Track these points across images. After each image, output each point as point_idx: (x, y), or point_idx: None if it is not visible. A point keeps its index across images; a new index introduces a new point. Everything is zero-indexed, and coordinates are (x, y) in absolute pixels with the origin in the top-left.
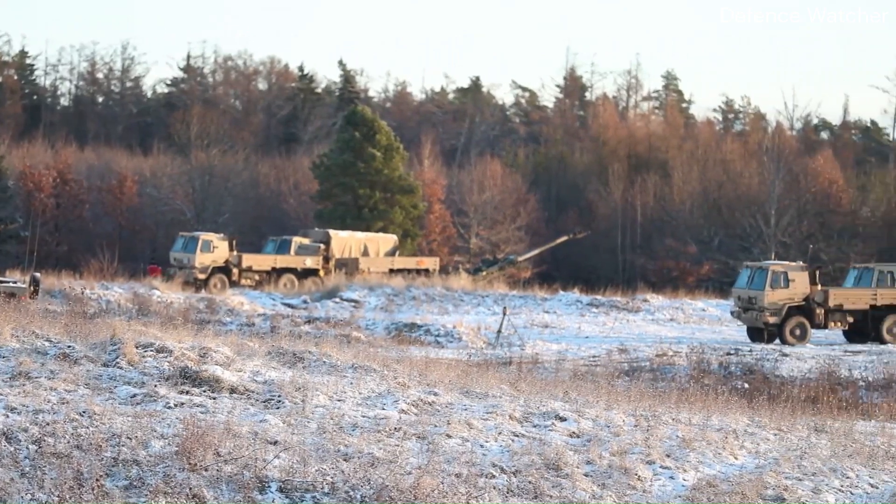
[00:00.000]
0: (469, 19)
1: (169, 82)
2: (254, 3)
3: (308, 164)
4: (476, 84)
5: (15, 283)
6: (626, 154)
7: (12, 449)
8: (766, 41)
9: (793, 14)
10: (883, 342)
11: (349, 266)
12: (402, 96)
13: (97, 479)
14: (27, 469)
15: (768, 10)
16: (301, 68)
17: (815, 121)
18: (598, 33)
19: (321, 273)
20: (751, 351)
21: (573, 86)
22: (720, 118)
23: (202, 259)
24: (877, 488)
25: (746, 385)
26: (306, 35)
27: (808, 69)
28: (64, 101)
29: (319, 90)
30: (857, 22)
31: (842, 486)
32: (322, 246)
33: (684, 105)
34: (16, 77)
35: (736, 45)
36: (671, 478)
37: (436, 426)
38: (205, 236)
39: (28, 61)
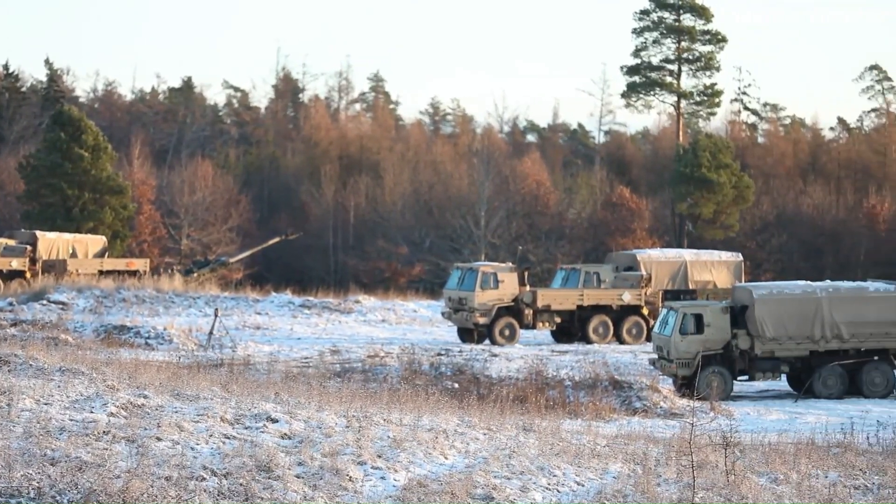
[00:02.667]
0: (180, 18)
1: None
2: None
3: (14, 165)
4: (187, 84)
5: None
6: (337, 155)
7: None
8: (475, 43)
9: (501, 16)
10: (589, 342)
11: (57, 268)
12: (111, 96)
13: None
14: None
15: (475, 10)
16: (6, 66)
17: (524, 123)
18: (309, 34)
19: (28, 275)
20: (461, 351)
21: (285, 87)
22: (429, 120)
23: None
24: (583, 486)
25: (457, 385)
26: (11, 33)
27: (518, 71)
28: None
29: (25, 89)
30: (565, 25)
31: (549, 484)
32: (28, 247)
33: (393, 107)
34: None
35: (446, 47)
36: (382, 478)
37: (146, 429)
38: None
39: None
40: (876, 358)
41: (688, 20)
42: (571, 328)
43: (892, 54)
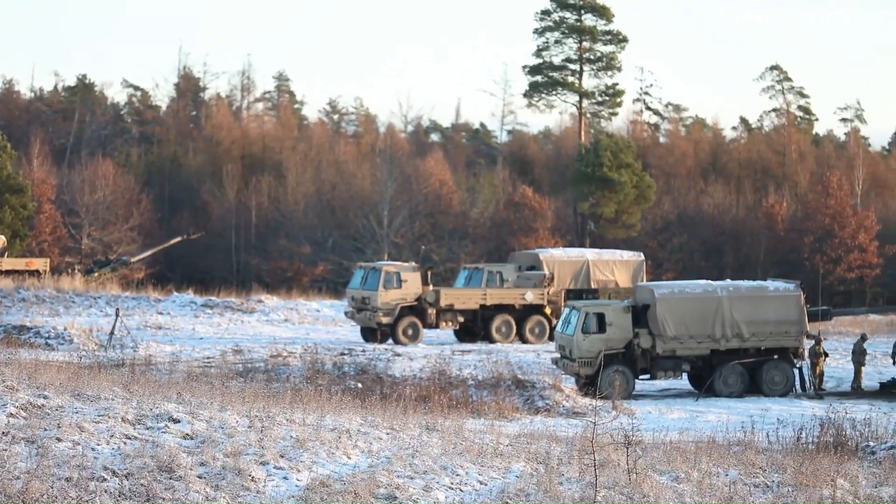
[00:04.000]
0: (80, 16)
1: None
2: None
3: None
4: (86, 83)
5: None
6: (240, 155)
7: None
8: (379, 42)
9: (404, 15)
10: (492, 341)
11: None
12: (10, 94)
13: None
14: None
15: (379, 9)
16: None
17: (427, 123)
18: (211, 32)
19: None
20: (364, 351)
21: (186, 86)
22: (332, 119)
23: None
24: (486, 485)
25: (360, 385)
26: None
27: (421, 71)
28: None
29: None
30: (467, 25)
31: (452, 483)
32: None
33: (297, 106)
34: None
35: (347, 47)
36: (285, 478)
37: (45, 430)
38: None
39: None
40: (776, 357)
41: (589, 20)
42: (474, 327)
43: (793, 54)
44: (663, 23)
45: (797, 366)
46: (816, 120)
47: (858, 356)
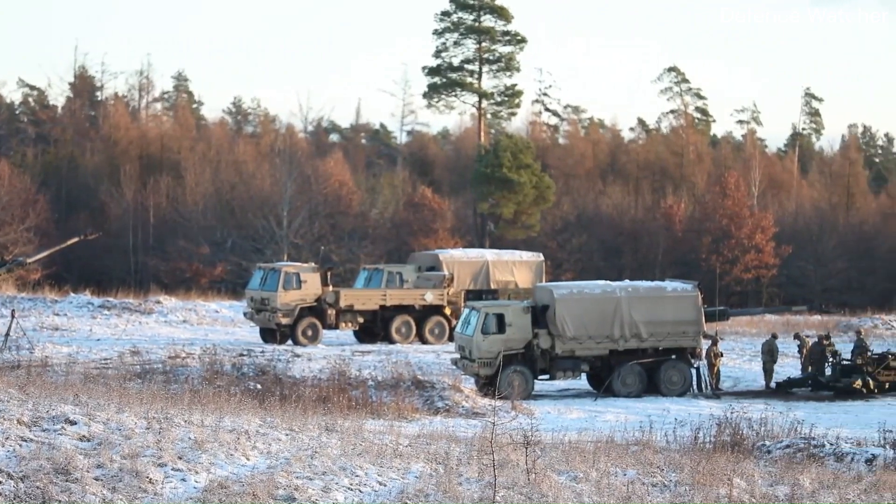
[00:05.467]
0: None
1: None
2: None
3: None
4: None
5: None
6: (138, 155)
7: None
8: (278, 42)
9: (304, 15)
10: (392, 342)
11: None
12: None
13: None
14: None
15: (278, 9)
16: None
17: (327, 123)
18: (109, 32)
19: None
20: (263, 352)
21: (83, 85)
22: (235, 120)
23: None
24: (385, 486)
25: (259, 386)
26: None
27: (321, 71)
28: None
29: None
30: (367, 26)
31: (351, 484)
32: None
33: (195, 106)
34: None
35: (247, 47)
36: (183, 480)
37: None
38: None
39: None
40: (673, 357)
41: (488, 21)
42: (374, 328)
43: (691, 57)
44: (562, 24)
45: (695, 366)
46: (714, 121)
47: (769, 355)
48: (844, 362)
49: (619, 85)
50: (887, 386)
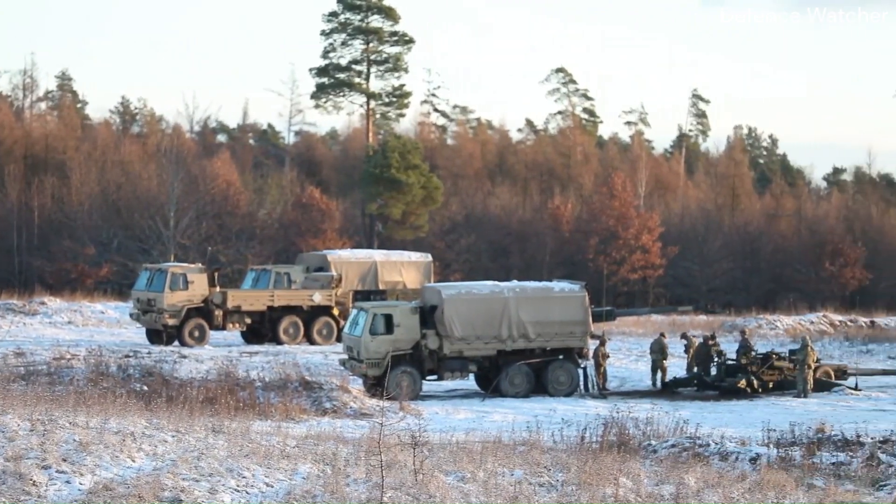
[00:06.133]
0: None
1: None
2: None
3: None
4: None
5: None
6: (22, 155)
7: None
8: (164, 42)
9: (190, 14)
10: (280, 343)
11: None
12: None
13: None
14: None
15: (164, 8)
16: None
17: (214, 123)
18: None
19: None
20: (150, 353)
21: None
22: (122, 119)
23: None
24: (272, 487)
25: (145, 387)
26: None
27: (207, 71)
28: None
29: None
30: (253, 25)
31: (238, 485)
32: None
33: (80, 106)
34: None
35: (132, 46)
36: (67, 482)
37: None
38: None
39: None
40: (561, 357)
41: (376, 21)
42: (262, 329)
43: (578, 58)
44: (451, 25)
45: (582, 366)
46: (601, 122)
47: (659, 353)
48: (729, 362)
49: (508, 86)
50: (771, 385)
